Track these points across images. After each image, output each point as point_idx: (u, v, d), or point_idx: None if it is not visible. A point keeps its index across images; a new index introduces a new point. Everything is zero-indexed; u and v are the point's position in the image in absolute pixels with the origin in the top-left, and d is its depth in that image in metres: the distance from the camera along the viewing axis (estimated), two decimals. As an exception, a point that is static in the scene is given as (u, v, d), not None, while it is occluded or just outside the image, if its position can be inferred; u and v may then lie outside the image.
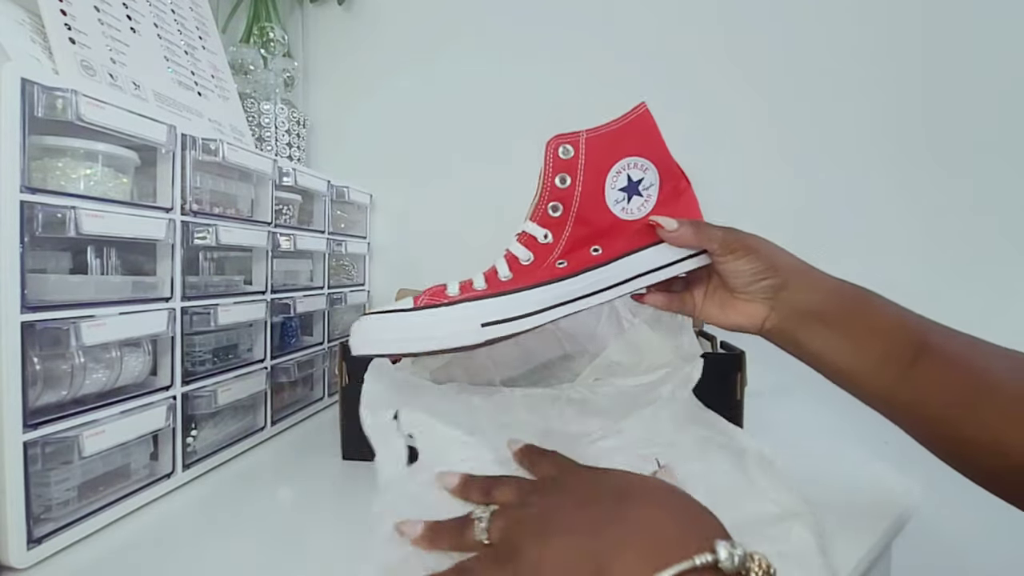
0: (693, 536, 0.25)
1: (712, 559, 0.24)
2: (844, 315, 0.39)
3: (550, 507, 0.31)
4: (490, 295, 0.41)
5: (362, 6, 0.86)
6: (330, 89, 0.88)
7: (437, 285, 0.42)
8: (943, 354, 0.36)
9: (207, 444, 0.51)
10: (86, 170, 0.40)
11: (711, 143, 0.81)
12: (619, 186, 0.44)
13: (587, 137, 0.44)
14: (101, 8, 0.48)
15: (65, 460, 0.37)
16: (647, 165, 0.45)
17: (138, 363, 0.44)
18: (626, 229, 0.44)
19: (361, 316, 0.42)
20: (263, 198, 0.59)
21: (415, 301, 0.41)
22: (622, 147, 0.44)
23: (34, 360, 0.35)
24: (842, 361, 0.39)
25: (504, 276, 0.42)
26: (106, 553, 0.38)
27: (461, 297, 0.41)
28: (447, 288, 0.42)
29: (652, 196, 0.45)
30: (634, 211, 0.45)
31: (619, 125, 0.44)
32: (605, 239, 0.44)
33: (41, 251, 0.38)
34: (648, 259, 0.45)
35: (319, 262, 0.72)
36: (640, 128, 0.45)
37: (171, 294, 0.46)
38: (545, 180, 0.43)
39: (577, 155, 0.43)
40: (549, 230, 0.43)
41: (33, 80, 0.35)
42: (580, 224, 0.43)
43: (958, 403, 0.34)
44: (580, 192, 0.43)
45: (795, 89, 0.79)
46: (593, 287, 0.43)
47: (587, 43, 0.82)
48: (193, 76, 0.59)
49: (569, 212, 0.43)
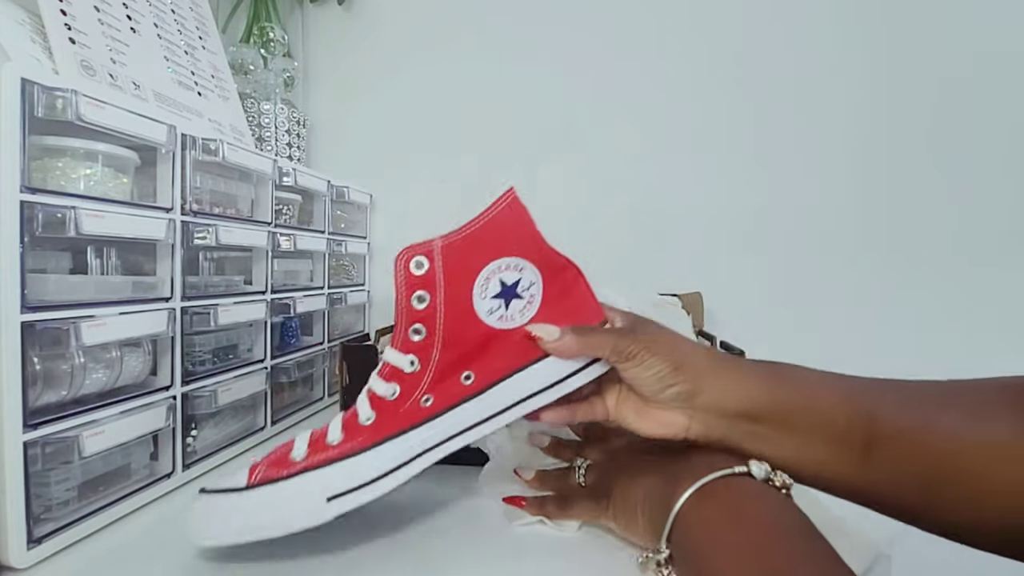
0: (730, 458, 0.34)
1: (745, 470, 0.32)
2: (777, 411, 0.34)
3: (628, 461, 0.40)
4: (337, 458, 0.35)
5: (362, 6, 0.86)
6: (330, 89, 0.88)
7: (284, 445, 0.37)
8: (897, 440, 0.32)
9: (207, 444, 0.51)
10: (86, 170, 0.40)
11: (711, 143, 0.81)
12: (491, 294, 0.37)
13: (442, 245, 0.37)
14: (101, 8, 0.48)
15: (65, 460, 0.37)
16: (522, 264, 0.38)
17: (138, 363, 0.44)
18: (507, 341, 0.38)
19: (199, 494, 0.36)
20: (263, 198, 0.59)
21: (251, 472, 0.35)
22: (486, 250, 0.37)
23: (34, 360, 0.35)
24: (788, 460, 0.34)
25: (365, 419, 0.36)
26: (106, 553, 0.37)
27: (303, 464, 0.35)
28: (294, 447, 0.36)
29: (536, 295, 0.39)
30: (516, 317, 0.38)
31: (479, 224, 0.38)
32: (480, 360, 0.38)
33: (41, 251, 0.38)
34: (531, 379, 0.38)
35: (319, 262, 0.72)
36: (506, 223, 0.38)
37: (171, 294, 0.46)
38: (399, 302, 0.37)
39: (433, 268, 0.37)
40: (415, 355, 0.37)
41: (33, 80, 0.35)
42: (448, 347, 0.37)
43: (921, 491, 0.32)
44: (443, 311, 0.37)
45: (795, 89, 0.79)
46: (465, 423, 0.37)
47: (587, 43, 0.82)
48: (193, 76, 0.59)
49: (434, 334, 0.37)
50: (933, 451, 0.31)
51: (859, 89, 0.77)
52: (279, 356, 0.62)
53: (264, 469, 0.35)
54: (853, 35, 0.77)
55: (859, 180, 0.78)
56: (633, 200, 0.82)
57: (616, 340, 0.36)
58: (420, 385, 0.37)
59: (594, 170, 0.83)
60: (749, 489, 0.32)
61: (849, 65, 0.77)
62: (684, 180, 0.81)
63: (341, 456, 0.35)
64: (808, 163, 0.79)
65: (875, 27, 0.77)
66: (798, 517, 0.30)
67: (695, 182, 0.81)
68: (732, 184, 0.80)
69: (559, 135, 0.82)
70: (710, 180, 0.81)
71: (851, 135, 0.78)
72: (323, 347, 0.72)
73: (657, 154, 0.81)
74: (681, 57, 0.80)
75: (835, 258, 0.79)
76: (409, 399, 0.37)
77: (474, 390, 0.37)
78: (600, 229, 0.82)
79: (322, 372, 0.73)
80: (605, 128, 0.82)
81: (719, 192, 0.81)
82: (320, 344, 0.72)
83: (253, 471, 0.36)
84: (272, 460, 0.36)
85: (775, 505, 0.31)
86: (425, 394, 0.37)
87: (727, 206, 0.80)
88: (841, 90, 0.78)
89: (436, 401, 0.37)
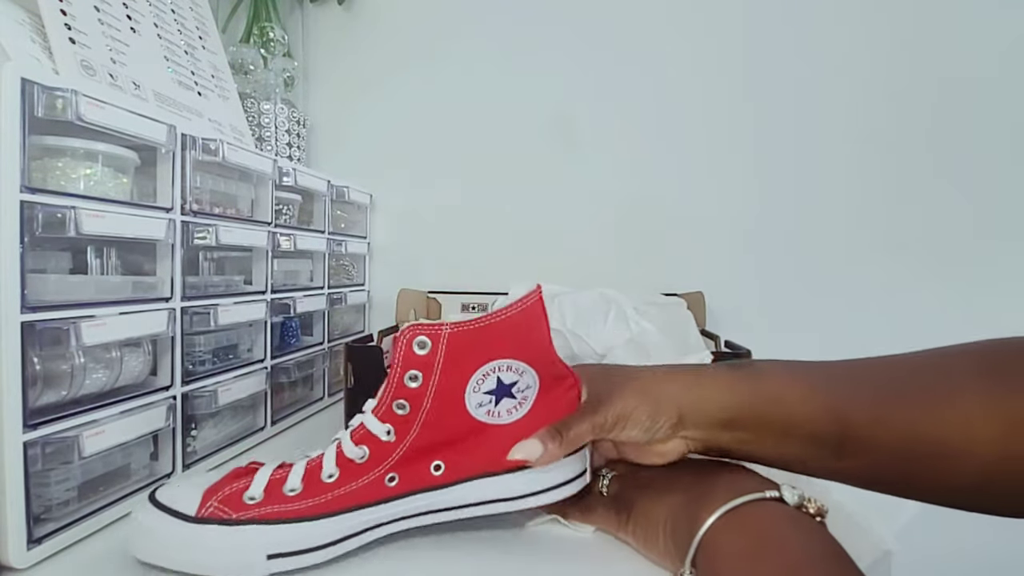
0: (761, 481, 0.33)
1: (777, 495, 0.31)
2: (751, 416, 0.35)
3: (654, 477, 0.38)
4: (288, 517, 0.34)
5: (362, 6, 0.86)
6: (330, 89, 0.88)
7: (245, 472, 0.37)
8: (868, 433, 0.32)
9: (207, 444, 0.51)
10: (86, 170, 0.40)
11: (711, 143, 0.81)
12: (485, 389, 0.37)
13: (450, 332, 0.35)
14: (101, 8, 0.48)
15: (65, 460, 0.37)
16: (523, 369, 0.37)
17: (138, 363, 0.44)
18: (487, 438, 0.37)
19: (148, 503, 0.35)
20: (263, 198, 0.59)
21: (204, 499, 0.35)
22: (493, 347, 0.36)
23: (34, 360, 0.35)
24: (772, 457, 0.36)
25: (327, 476, 0.35)
26: (106, 553, 0.37)
27: (254, 512, 0.34)
28: (250, 487, 0.35)
29: (528, 398, 0.38)
30: (503, 415, 0.37)
31: (495, 320, 0.36)
32: (455, 451, 0.37)
33: (41, 251, 0.38)
34: (503, 486, 0.37)
35: (319, 262, 0.72)
36: (522, 324, 0.37)
37: (171, 294, 0.46)
38: (392, 374, 0.36)
39: (435, 352, 0.35)
40: (393, 427, 0.36)
41: (33, 80, 0.35)
42: (428, 429, 0.36)
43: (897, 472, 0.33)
44: (433, 394, 0.36)
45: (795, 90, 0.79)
46: (424, 509, 0.37)
47: (587, 43, 0.82)
48: (193, 76, 0.59)
49: (418, 413, 0.36)
50: (905, 436, 0.31)
51: (859, 89, 0.77)
52: (279, 356, 0.62)
53: (217, 503, 0.34)
54: (852, 35, 0.77)
55: (859, 179, 0.78)
56: (634, 200, 0.82)
57: (591, 422, 0.36)
58: (390, 457, 0.36)
59: (594, 169, 0.83)
60: (780, 516, 0.30)
61: (849, 65, 0.77)
62: (684, 180, 0.81)
63: (293, 517, 0.34)
64: (808, 162, 0.79)
65: (875, 27, 0.77)
66: (832, 547, 0.28)
67: (695, 182, 0.81)
68: (733, 184, 0.80)
69: (559, 134, 0.82)
70: (710, 180, 0.81)
71: (851, 135, 0.78)
72: (323, 347, 0.72)
73: (657, 154, 0.81)
74: (681, 58, 0.80)
75: (835, 257, 0.79)
76: (375, 469, 0.36)
77: (441, 482, 0.36)
78: (601, 229, 0.82)
79: (322, 372, 0.73)
80: (605, 128, 0.82)
81: (720, 192, 0.81)
82: (320, 344, 0.72)
83: (207, 498, 0.35)
84: (228, 494, 0.35)
85: (808, 534, 0.29)
86: (391, 471, 0.36)
87: (728, 206, 0.80)
88: (841, 90, 0.78)
89: (400, 483, 0.36)
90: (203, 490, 0.35)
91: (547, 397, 0.38)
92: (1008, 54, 0.74)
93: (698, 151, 0.81)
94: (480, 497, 0.37)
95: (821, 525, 0.30)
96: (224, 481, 0.36)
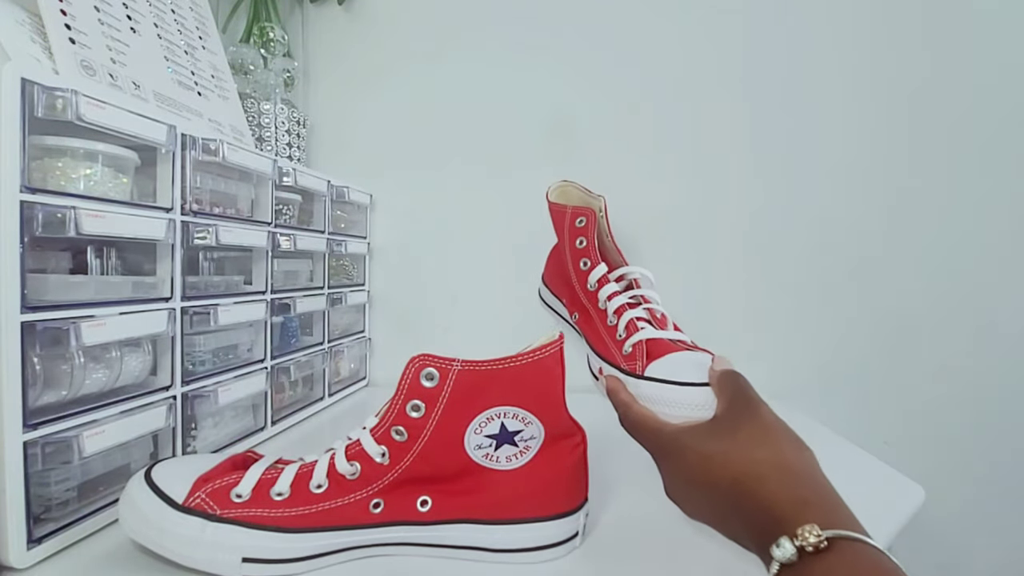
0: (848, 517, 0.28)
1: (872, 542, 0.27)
2: None
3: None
4: (270, 524, 0.34)
5: (362, 6, 0.86)
6: (330, 89, 0.88)
7: (230, 477, 0.36)
8: None
9: (207, 444, 0.51)
10: (86, 170, 0.40)
11: (712, 143, 0.81)
12: (487, 432, 0.36)
13: (460, 369, 0.35)
14: (101, 8, 0.48)
15: (65, 460, 0.37)
16: (530, 419, 0.36)
17: (138, 363, 0.44)
18: (481, 482, 0.37)
19: (142, 476, 0.36)
20: (263, 198, 0.59)
21: (193, 488, 0.35)
22: (502, 392, 0.36)
23: (34, 360, 0.35)
24: None
25: (316, 485, 0.36)
26: (106, 553, 0.37)
27: (239, 511, 0.34)
28: (240, 483, 0.35)
29: (531, 449, 0.37)
30: (501, 461, 0.37)
31: (510, 364, 0.36)
32: (444, 489, 0.36)
33: (41, 251, 0.38)
34: (486, 535, 0.37)
35: (319, 262, 0.72)
36: (536, 373, 0.36)
37: (171, 294, 0.46)
38: (396, 399, 0.36)
39: (442, 386, 0.35)
40: (388, 450, 0.36)
41: (33, 80, 0.35)
42: (422, 461, 0.36)
43: None
44: (433, 427, 0.35)
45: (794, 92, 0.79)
46: (403, 540, 0.37)
47: (587, 44, 0.82)
48: (193, 76, 0.59)
49: (414, 444, 0.36)
50: None
51: (859, 91, 0.77)
52: (279, 356, 0.62)
53: (204, 495, 0.35)
54: (852, 37, 0.77)
55: (858, 181, 0.78)
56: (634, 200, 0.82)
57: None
58: (380, 480, 0.36)
59: (594, 170, 0.82)
60: (878, 563, 0.27)
61: (848, 68, 0.77)
62: (684, 180, 0.81)
63: (274, 525, 0.35)
64: (807, 165, 0.79)
65: (874, 29, 0.77)
66: None
67: (695, 182, 0.81)
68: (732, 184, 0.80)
69: (559, 135, 0.82)
70: (711, 180, 0.81)
71: (850, 137, 0.78)
72: (323, 347, 0.72)
73: (657, 155, 0.81)
74: (681, 58, 0.80)
75: (835, 258, 0.79)
76: (363, 489, 0.36)
77: (425, 519, 0.36)
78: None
79: (322, 372, 0.73)
80: (605, 128, 0.82)
81: (720, 192, 0.81)
82: (320, 344, 0.72)
83: (197, 488, 0.35)
84: (216, 488, 0.35)
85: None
86: (378, 497, 0.36)
87: (728, 206, 0.80)
88: (840, 93, 0.78)
89: (385, 511, 0.36)
90: (195, 477, 0.36)
91: (550, 450, 0.37)
92: (1008, 54, 0.74)
93: (698, 151, 0.81)
94: (460, 541, 0.37)
95: None
96: (217, 471, 0.37)
